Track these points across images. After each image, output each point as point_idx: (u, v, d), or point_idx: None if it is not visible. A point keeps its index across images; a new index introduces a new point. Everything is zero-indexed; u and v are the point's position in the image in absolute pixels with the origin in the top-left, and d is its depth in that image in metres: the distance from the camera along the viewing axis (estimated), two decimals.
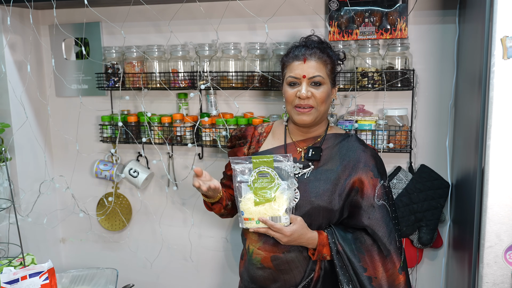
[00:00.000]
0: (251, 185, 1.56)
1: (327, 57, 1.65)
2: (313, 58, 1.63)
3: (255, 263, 1.68)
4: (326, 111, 1.68)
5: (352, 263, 1.58)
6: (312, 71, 1.62)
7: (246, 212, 1.56)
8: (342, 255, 1.58)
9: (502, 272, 1.47)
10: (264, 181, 1.56)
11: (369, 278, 1.57)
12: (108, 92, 2.50)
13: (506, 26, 1.38)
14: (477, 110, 1.50)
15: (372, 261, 1.58)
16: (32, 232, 2.51)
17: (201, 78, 2.23)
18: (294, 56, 1.65)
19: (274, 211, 1.54)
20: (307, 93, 1.61)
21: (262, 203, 1.55)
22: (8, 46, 2.32)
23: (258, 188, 1.55)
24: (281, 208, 1.54)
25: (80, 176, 2.59)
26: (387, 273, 1.58)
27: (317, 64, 1.62)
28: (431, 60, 2.07)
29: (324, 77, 1.63)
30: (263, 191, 1.55)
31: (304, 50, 1.65)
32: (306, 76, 1.62)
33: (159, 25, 2.35)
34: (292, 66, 1.65)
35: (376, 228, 1.58)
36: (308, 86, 1.62)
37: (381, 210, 1.59)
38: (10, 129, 2.34)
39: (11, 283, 1.73)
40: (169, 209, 2.53)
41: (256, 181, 1.56)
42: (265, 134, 1.80)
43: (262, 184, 1.56)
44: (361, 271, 1.57)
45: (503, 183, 1.44)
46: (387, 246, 1.58)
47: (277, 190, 1.55)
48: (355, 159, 1.63)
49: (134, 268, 2.65)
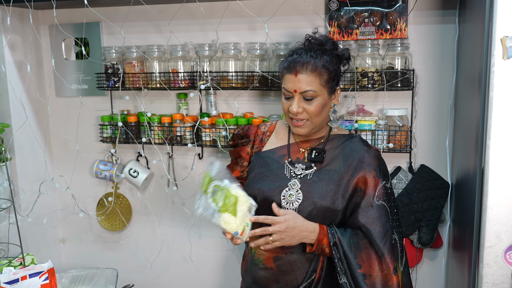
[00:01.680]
0: (217, 207, 1.53)
1: (321, 67, 1.57)
2: (305, 71, 1.57)
3: (258, 263, 1.68)
4: (324, 119, 1.65)
5: (347, 258, 1.57)
6: (304, 86, 1.57)
7: (234, 229, 1.54)
8: (339, 247, 1.57)
9: (502, 272, 1.47)
10: (219, 195, 1.54)
11: (363, 275, 1.56)
12: (108, 92, 2.50)
13: (506, 26, 1.38)
14: (477, 110, 1.50)
15: (369, 258, 1.57)
16: (32, 232, 2.51)
17: (201, 78, 2.23)
18: (287, 67, 1.60)
19: (245, 204, 1.56)
20: (298, 109, 1.58)
21: (234, 210, 1.54)
22: (8, 46, 2.32)
23: (222, 205, 1.54)
24: (246, 197, 1.57)
25: (80, 176, 2.59)
26: (382, 273, 1.57)
27: (309, 78, 1.56)
28: (431, 60, 2.07)
29: (317, 90, 1.57)
30: (226, 202, 1.54)
31: (296, 62, 1.58)
32: (297, 90, 1.58)
33: (159, 25, 2.35)
34: (285, 78, 1.61)
35: (371, 227, 1.57)
36: (300, 101, 1.58)
37: (379, 210, 1.59)
38: (10, 129, 2.34)
39: (11, 283, 1.73)
40: (169, 209, 2.53)
41: (217, 202, 1.54)
42: (269, 133, 1.79)
43: (221, 199, 1.54)
44: (356, 267, 1.56)
45: (503, 183, 1.44)
46: (380, 246, 1.57)
47: (230, 190, 1.56)
48: (359, 159, 1.63)
49: (134, 268, 2.65)
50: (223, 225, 1.52)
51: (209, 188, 1.54)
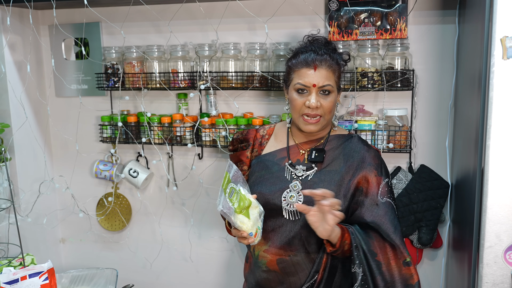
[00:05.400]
0: (233, 207, 1.56)
1: (335, 64, 1.62)
2: (324, 66, 1.59)
3: (261, 266, 1.67)
4: (331, 118, 1.68)
5: (362, 246, 1.54)
6: (323, 80, 1.58)
7: (249, 230, 1.57)
8: (356, 235, 1.55)
9: (502, 272, 1.47)
10: (234, 197, 1.58)
11: (378, 262, 1.54)
12: (108, 92, 2.50)
13: (506, 26, 1.38)
14: (477, 110, 1.50)
15: (382, 248, 1.55)
16: (32, 232, 2.51)
17: (201, 78, 2.23)
18: (303, 62, 1.60)
19: (255, 208, 1.60)
20: (317, 103, 1.58)
21: (247, 213, 1.58)
22: (8, 46, 2.32)
23: (238, 207, 1.56)
24: (257, 203, 1.61)
25: (80, 176, 2.59)
26: (397, 261, 1.55)
27: (327, 73, 1.59)
28: (431, 60, 2.07)
29: (333, 86, 1.60)
30: (241, 204, 1.58)
31: (314, 56, 1.59)
32: (316, 85, 1.58)
33: (159, 25, 2.35)
34: (301, 72, 1.60)
35: (380, 223, 1.56)
36: (317, 95, 1.59)
37: (385, 207, 1.58)
38: (10, 129, 2.34)
39: (11, 283, 1.73)
40: (169, 209, 2.53)
41: (233, 202, 1.57)
42: (268, 136, 1.79)
43: (236, 201, 1.57)
44: (371, 256, 1.54)
45: (503, 183, 1.44)
46: (394, 239, 1.55)
47: (244, 195, 1.59)
48: (359, 159, 1.63)
49: (134, 268, 2.65)
50: (240, 224, 1.55)
51: (227, 188, 1.57)
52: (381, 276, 1.53)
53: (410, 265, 1.56)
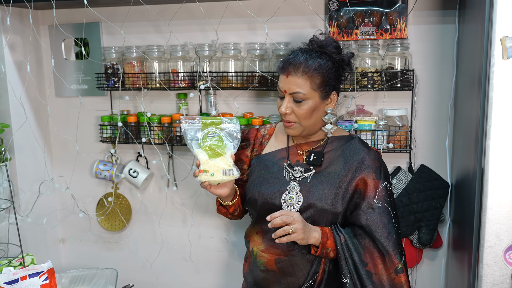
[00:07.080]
0: (201, 143, 1.60)
1: (313, 70, 1.55)
2: (297, 73, 1.56)
3: (259, 265, 1.68)
4: (315, 123, 1.63)
5: (352, 255, 1.56)
6: (293, 87, 1.56)
7: (203, 164, 1.58)
8: (343, 246, 1.57)
9: (501, 272, 1.47)
10: (213, 139, 1.61)
11: (368, 272, 1.56)
12: (107, 92, 2.50)
13: (506, 26, 1.38)
14: (477, 110, 1.50)
15: (372, 257, 1.57)
16: (32, 232, 2.51)
17: (200, 78, 2.23)
18: (280, 67, 1.62)
19: (226, 164, 1.58)
20: (286, 110, 1.59)
21: (214, 157, 1.59)
22: (7, 46, 2.32)
23: (209, 146, 1.60)
24: (232, 162, 1.59)
25: (79, 176, 2.59)
26: (387, 271, 1.57)
27: (299, 80, 1.56)
28: (431, 60, 2.07)
29: (307, 93, 1.56)
30: (213, 147, 1.60)
31: (288, 63, 1.58)
32: (287, 91, 1.59)
33: (159, 25, 2.35)
34: (280, 77, 1.62)
35: (374, 228, 1.57)
36: (290, 102, 1.59)
37: (380, 211, 1.58)
38: (10, 129, 2.34)
39: (11, 283, 1.73)
40: (168, 209, 2.53)
41: (205, 140, 1.61)
42: (268, 136, 1.79)
43: (212, 142, 1.60)
44: (361, 265, 1.56)
45: (503, 183, 1.44)
46: (386, 246, 1.57)
47: (225, 148, 1.61)
48: (359, 161, 1.62)
49: (133, 268, 2.65)
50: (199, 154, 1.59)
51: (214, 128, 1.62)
52: (372, 286, 1.56)
53: (401, 272, 1.58)
